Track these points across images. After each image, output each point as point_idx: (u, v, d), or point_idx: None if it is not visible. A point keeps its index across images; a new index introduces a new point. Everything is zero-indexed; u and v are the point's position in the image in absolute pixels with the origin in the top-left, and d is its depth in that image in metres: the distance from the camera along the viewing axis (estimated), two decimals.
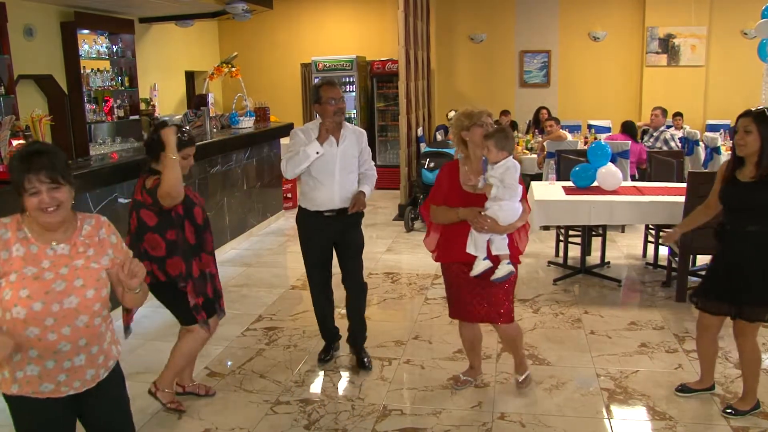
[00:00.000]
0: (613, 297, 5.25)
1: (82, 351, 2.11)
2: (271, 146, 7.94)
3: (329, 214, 3.84)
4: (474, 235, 3.32)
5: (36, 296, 1.99)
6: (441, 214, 3.43)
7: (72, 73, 7.50)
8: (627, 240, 6.84)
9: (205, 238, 3.42)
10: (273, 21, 10.75)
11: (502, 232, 3.29)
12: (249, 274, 6.04)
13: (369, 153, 4.01)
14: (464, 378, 3.78)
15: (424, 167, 7.24)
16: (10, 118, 5.06)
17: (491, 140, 3.24)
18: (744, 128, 3.11)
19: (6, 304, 1.99)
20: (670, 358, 4.07)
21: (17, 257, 2.02)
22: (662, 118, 7.66)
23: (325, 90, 3.75)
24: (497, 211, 3.24)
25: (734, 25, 9.76)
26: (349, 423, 3.40)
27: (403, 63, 7.80)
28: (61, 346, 2.05)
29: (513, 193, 3.26)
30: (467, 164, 3.43)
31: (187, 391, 3.70)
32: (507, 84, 10.70)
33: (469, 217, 3.29)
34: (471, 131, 3.35)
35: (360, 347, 4.10)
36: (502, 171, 3.22)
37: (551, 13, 10.42)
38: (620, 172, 5.51)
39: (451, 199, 3.40)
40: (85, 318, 2.08)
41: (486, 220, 3.24)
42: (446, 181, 3.44)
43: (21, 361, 2.06)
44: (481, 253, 3.31)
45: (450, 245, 3.46)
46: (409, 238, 7.22)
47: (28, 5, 6.98)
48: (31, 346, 2.03)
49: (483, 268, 3.32)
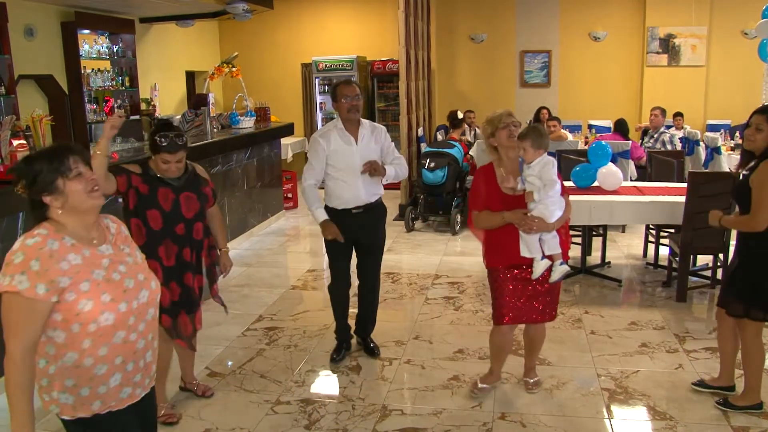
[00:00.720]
0: (614, 297, 5.25)
1: (150, 346, 2.05)
2: (272, 146, 7.94)
3: (357, 211, 3.92)
4: (524, 237, 3.27)
5: (118, 298, 1.89)
6: (485, 220, 3.38)
7: (72, 73, 7.50)
8: (627, 240, 6.84)
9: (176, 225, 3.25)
10: (273, 21, 10.75)
11: (550, 229, 3.26)
12: (249, 274, 6.04)
13: (393, 147, 4.06)
14: (482, 385, 3.67)
15: (425, 167, 7.24)
16: (11, 118, 5.06)
17: (527, 141, 3.21)
18: (756, 125, 3.12)
19: (88, 315, 1.83)
20: (671, 358, 4.07)
21: (78, 265, 1.85)
22: (662, 118, 7.65)
23: (342, 88, 3.84)
24: (543, 209, 3.21)
25: (735, 25, 9.76)
26: (350, 423, 3.40)
27: (404, 63, 7.80)
28: (139, 344, 1.98)
29: (553, 188, 3.22)
30: (501, 166, 3.40)
31: (187, 387, 3.72)
32: (507, 84, 10.69)
33: (515, 220, 3.25)
34: (496, 136, 3.33)
35: (368, 335, 4.25)
36: (539, 168, 3.20)
37: (552, 13, 10.41)
38: (620, 172, 5.51)
39: (492, 203, 3.35)
40: (152, 311, 2.04)
41: (533, 220, 3.22)
42: (484, 186, 3.38)
43: (105, 374, 1.91)
44: (537, 254, 3.29)
45: (498, 248, 3.41)
46: (410, 238, 7.22)
47: (29, 5, 6.98)
48: (117, 353, 1.91)
49: (543, 269, 3.30)
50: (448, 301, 5.14)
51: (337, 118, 3.94)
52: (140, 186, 3.17)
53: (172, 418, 3.43)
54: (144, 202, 3.18)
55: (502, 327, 3.50)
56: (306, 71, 10.96)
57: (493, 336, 3.61)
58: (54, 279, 1.78)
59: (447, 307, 5.04)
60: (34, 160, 1.90)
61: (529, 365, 3.77)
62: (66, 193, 1.86)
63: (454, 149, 7.39)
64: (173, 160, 3.16)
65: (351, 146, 3.86)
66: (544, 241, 3.28)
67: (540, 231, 3.24)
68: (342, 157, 3.84)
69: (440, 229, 7.50)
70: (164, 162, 3.16)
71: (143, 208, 3.19)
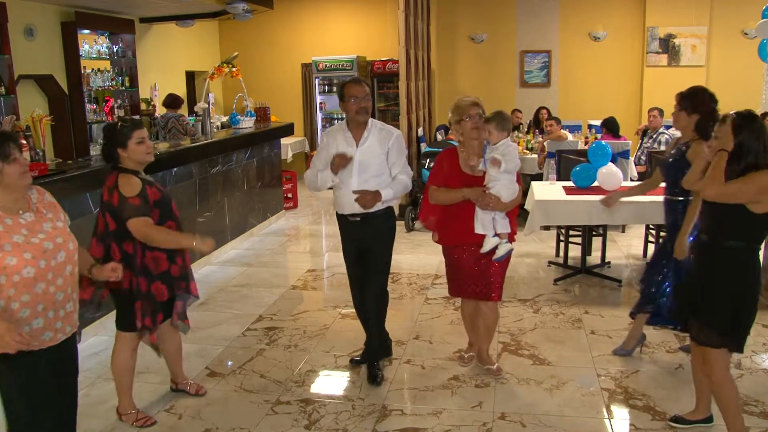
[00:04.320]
0: (614, 297, 5.25)
1: (70, 298, 2.46)
2: (272, 146, 7.94)
3: (353, 219, 3.69)
4: (480, 214, 3.55)
5: (38, 256, 2.30)
6: (443, 195, 3.62)
7: (72, 73, 7.50)
8: (627, 240, 6.84)
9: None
10: (273, 21, 10.75)
11: (503, 209, 3.54)
12: (249, 274, 6.04)
13: (401, 154, 3.69)
14: (468, 355, 4.01)
15: (425, 167, 7.24)
16: (11, 118, 5.07)
17: (491, 124, 3.53)
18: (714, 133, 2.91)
19: (13, 269, 2.24)
20: (671, 358, 4.07)
21: (1, 231, 2.27)
22: (660, 118, 7.63)
23: (349, 88, 3.61)
24: (500, 189, 3.48)
25: (735, 25, 9.76)
26: (350, 423, 3.40)
27: (404, 63, 7.80)
28: (57, 296, 2.38)
29: (515, 168, 3.53)
30: (464, 150, 3.64)
31: (179, 387, 3.70)
32: (507, 84, 10.69)
33: (473, 196, 3.52)
34: (461, 125, 3.57)
35: (373, 362, 3.88)
36: (503, 149, 3.50)
37: (552, 13, 10.41)
38: (620, 172, 5.51)
39: (452, 181, 3.60)
40: (70, 267, 2.44)
41: (491, 197, 3.48)
42: (446, 163, 3.64)
43: (29, 317, 2.31)
44: (490, 232, 3.56)
45: (450, 228, 3.69)
46: (410, 238, 7.22)
47: (29, 5, 6.98)
48: (38, 301, 2.32)
49: (492, 245, 3.57)
50: (448, 301, 5.14)
51: (346, 117, 3.74)
52: (151, 195, 3.17)
53: (148, 420, 3.39)
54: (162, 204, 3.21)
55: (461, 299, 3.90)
56: (306, 71, 10.97)
57: (462, 307, 4.01)
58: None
59: (447, 307, 5.04)
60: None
61: (485, 349, 3.95)
62: (4, 173, 2.29)
63: None
64: (145, 135, 3.17)
65: (351, 148, 3.62)
66: (496, 220, 3.56)
67: (495, 209, 3.51)
68: None
69: None
70: (140, 142, 3.12)
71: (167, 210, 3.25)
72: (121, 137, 3.12)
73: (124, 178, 3.12)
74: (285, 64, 11.11)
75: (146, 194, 3.12)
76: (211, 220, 6.38)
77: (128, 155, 3.13)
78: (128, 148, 3.12)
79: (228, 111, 9.94)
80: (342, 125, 3.75)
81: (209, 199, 6.36)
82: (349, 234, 3.79)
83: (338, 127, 3.77)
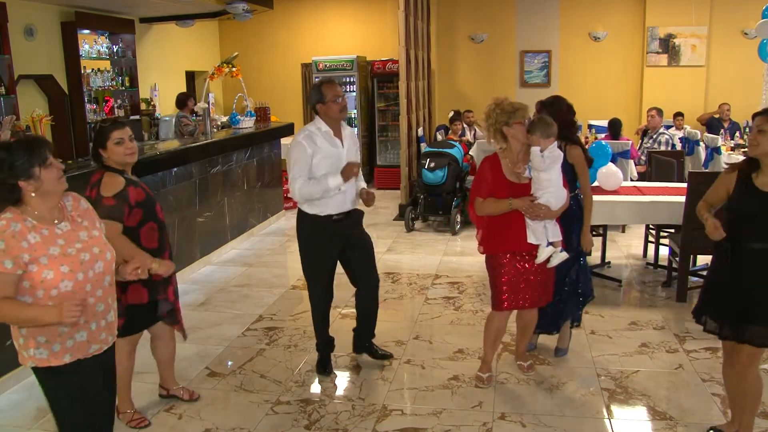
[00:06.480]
0: (614, 297, 5.25)
1: (111, 308, 2.42)
2: (272, 146, 7.94)
3: (338, 217, 3.68)
4: (531, 225, 3.43)
5: (76, 269, 2.24)
6: (490, 206, 3.48)
7: (72, 73, 7.50)
8: (627, 240, 6.84)
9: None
10: (273, 21, 10.74)
11: (553, 217, 3.44)
12: (249, 274, 6.04)
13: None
14: (486, 375, 3.78)
15: (425, 167, 7.24)
16: (11, 118, 5.07)
17: (536, 132, 3.37)
18: (758, 127, 2.86)
19: (50, 283, 2.19)
20: (671, 358, 4.07)
21: (37, 243, 2.20)
22: (659, 118, 7.64)
23: (327, 88, 3.61)
24: (549, 197, 3.37)
25: (735, 25, 9.76)
26: (350, 423, 3.40)
27: (404, 63, 7.80)
28: (98, 307, 2.34)
29: (560, 177, 3.42)
30: (508, 156, 3.49)
31: (171, 394, 3.66)
32: (507, 84, 10.68)
33: (522, 206, 3.39)
34: (513, 128, 3.42)
35: (371, 343, 4.09)
36: (548, 153, 3.36)
37: (552, 13, 10.41)
38: (620, 172, 5.51)
39: (498, 191, 3.46)
40: (108, 278, 2.38)
41: (540, 207, 3.37)
42: (490, 174, 3.49)
43: (72, 330, 2.28)
44: (543, 241, 3.45)
45: (498, 236, 3.53)
46: (410, 238, 7.22)
47: (29, 5, 6.98)
48: None
49: (547, 254, 3.47)
50: (448, 301, 5.14)
51: (316, 120, 3.66)
52: (134, 195, 3.13)
53: (143, 422, 3.39)
54: (145, 205, 3.18)
55: (502, 312, 3.65)
56: (306, 71, 10.96)
57: (493, 321, 3.72)
58: (17, 255, 2.15)
59: (447, 307, 5.04)
60: (13, 150, 2.21)
61: (522, 347, 3.94)
62: (41, 179, 2.22)
63: (454, 149, 7.40)
64: (125, 136, 3.11)
65: (338, 149, 3.64)
66: (547, 228, 3.44)
67: (545, 218, 3.39)
68: (330, 161, 3.58)
69: (440, 229, 7.50)
70: (118, 142, 3.09)
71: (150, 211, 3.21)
72: (101, 138, 3.12)
73: (108, 177, 3.12)
74: (285, 64, 11.11)
75: (126, 195, 3.09)
76: (211, 220, 6.38)
77: (108, 155, 3.13)
78: (107, 148, 3.11)
79: (228, 111, 9.94)
80: (316, 129, 3.63)
81: (209, 199, 6.36)
82: (332, 234, 3.69)
83: (314, 132, 3.62)
